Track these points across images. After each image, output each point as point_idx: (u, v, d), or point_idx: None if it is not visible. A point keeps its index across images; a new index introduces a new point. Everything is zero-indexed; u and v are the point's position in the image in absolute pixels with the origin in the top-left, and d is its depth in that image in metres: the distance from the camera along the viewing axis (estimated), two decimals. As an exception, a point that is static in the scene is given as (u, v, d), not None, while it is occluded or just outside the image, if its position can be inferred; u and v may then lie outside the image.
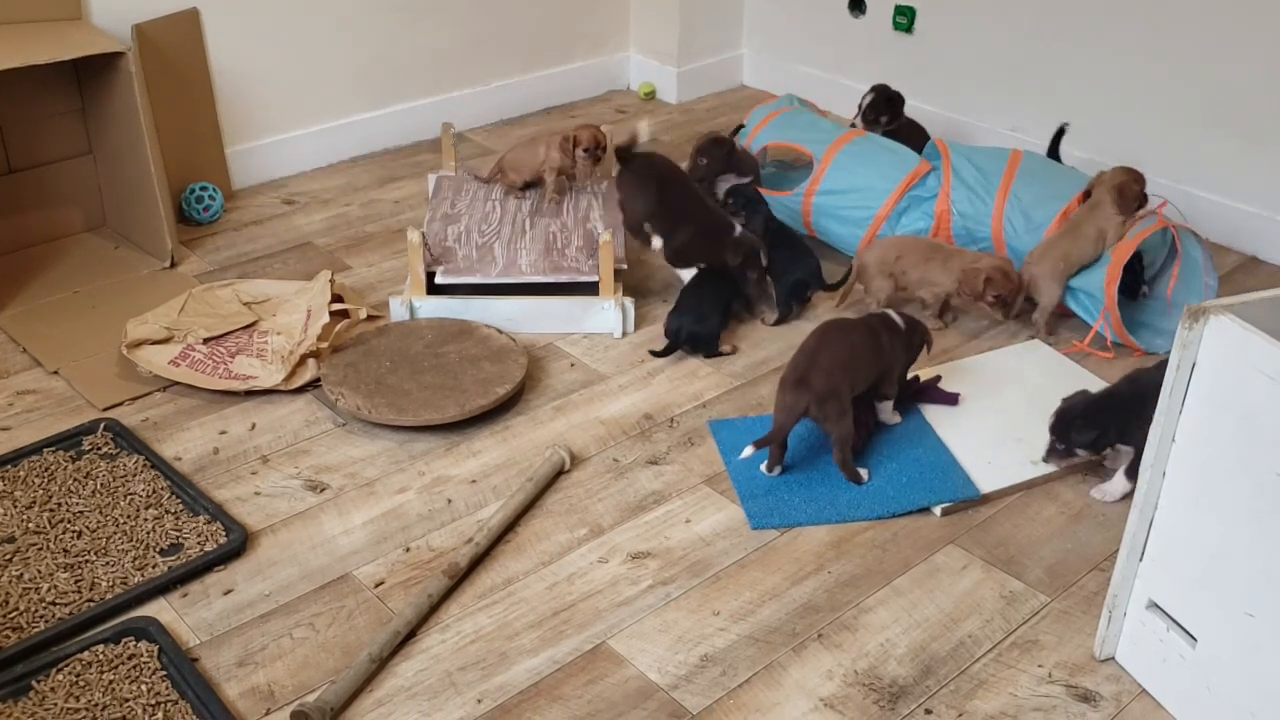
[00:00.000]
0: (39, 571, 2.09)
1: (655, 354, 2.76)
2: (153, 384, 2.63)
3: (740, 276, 2.87)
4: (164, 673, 1.90)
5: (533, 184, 3.26)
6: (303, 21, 3.54)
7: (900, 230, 3.07)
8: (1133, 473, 2.16)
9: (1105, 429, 2.30)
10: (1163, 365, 2.13)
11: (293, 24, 3.52)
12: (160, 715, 1.82)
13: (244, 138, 3.54)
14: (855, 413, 2.35)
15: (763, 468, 2.38)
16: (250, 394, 2.60)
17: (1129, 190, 2.81)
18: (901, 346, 2.46)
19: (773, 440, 2.33)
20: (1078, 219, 2.83)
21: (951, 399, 2.58)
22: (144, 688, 1.86)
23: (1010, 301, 2.78)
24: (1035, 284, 2.82)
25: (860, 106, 3.45)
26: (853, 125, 3.38)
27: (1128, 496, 2.17)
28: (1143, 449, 2.11)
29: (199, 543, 2.17)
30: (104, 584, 2.07)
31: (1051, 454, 2.37)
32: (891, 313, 2.50)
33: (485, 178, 3.31)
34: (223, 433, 2.50)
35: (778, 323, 2.92)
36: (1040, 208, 2.93)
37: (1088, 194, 2.87)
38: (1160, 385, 2.08)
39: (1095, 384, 2.67)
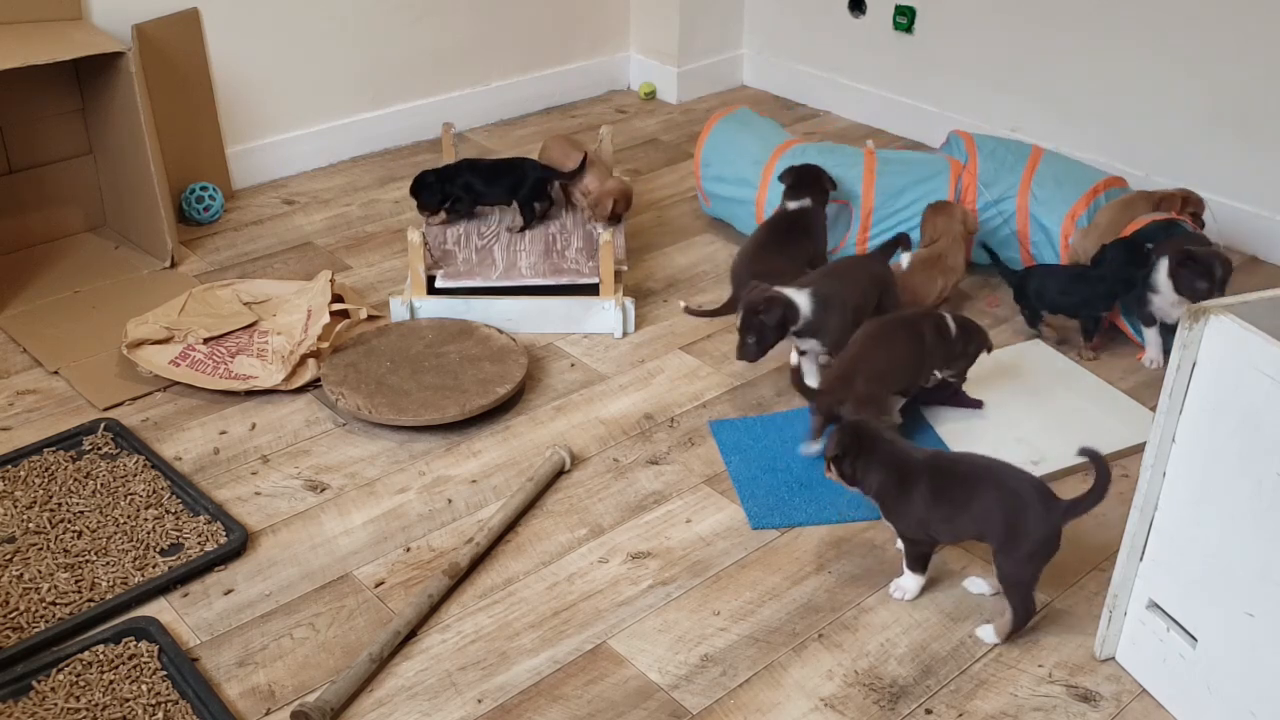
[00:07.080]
0: (39, 571, 2.09)
1: None
2: (153, 384, 2.63)
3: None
4: (164, 673, 1.90)
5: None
6: (303, 21, 3.54)
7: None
8: (915, 564, 2.06)
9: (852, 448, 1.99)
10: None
11: (293, 24, 3.52)
12: (160, 715, 1.82)
13: (244, 138, 3.54)
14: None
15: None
16: (250, 394, 2.60)
17: (1188, 209, 2.85)
18: (945, 352, 2.42)
19: (824, 425, 2.35)
20: (1118, 217, 2.83)
21: (976, 404, 2.57)
22: (144, 688, 1.86)
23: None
24: (1079, 259, 2.83)
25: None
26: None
27: (926, 589, 2.09)
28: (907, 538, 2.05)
29: (199, 543, 2.17)
30: (104, 584, 2.07)
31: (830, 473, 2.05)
32: (947, 316, 2.45)
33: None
34: (223, 433, 2.50)
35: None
36: (1064, 185, 2.95)
37: (1156, 204, 2.90)
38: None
39: (1095, 383, 2.67)
